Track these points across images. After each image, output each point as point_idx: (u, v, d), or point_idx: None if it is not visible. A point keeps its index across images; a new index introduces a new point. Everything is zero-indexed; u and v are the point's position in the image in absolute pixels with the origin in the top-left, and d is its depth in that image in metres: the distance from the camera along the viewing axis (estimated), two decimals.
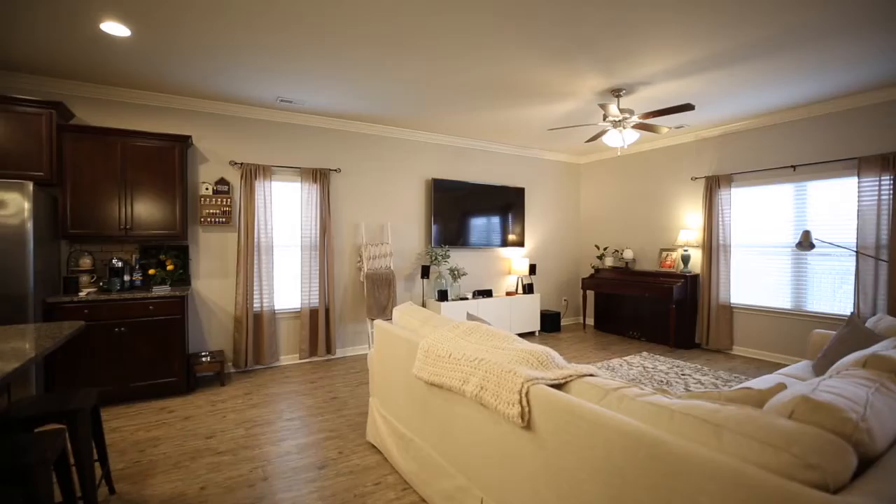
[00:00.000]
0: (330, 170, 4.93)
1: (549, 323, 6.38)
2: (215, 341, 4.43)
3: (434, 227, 5.62)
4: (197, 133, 4.32)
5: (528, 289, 6.24)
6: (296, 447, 2.82)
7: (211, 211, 4.34)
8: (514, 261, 6.33)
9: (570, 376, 1.53)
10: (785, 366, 4.59)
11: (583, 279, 6.43)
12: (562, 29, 2.89)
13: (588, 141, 4.51)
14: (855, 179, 4.26)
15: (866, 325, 2.82)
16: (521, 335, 6.09)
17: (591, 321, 6.97)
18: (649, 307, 5.76)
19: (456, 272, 5.61)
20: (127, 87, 3.95)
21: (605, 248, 6.62)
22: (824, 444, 0.95)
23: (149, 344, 3.60)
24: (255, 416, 3.31)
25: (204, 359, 4.03)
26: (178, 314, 3.70)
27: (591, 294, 6.90)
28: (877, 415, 1.10)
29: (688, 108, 3.60)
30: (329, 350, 4.89)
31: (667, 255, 5.91)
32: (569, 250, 7.20)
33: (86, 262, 3.75)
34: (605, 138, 4.21)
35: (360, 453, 2.73)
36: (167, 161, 3.89)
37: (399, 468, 2.45)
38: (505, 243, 6.28)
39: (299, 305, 4.82)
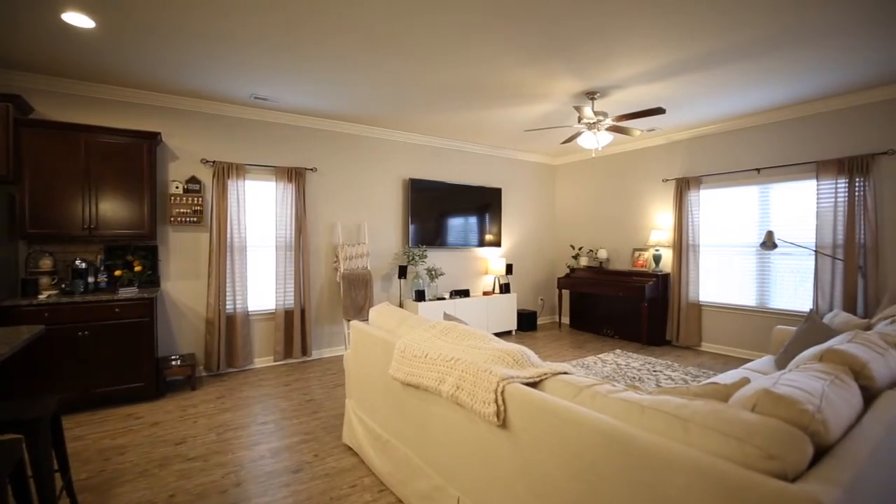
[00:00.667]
0: (306, 169, 4.86)
1: (526, 322, 6.45)
2: (186, 344, 4.30)
3: (411, 227, 5.60)
4: (167, 130, 4.19)
5: (505, 288, 6.29)
6: (270, 451, 2.77)
7: (181, 210, 4.21)
8: (492, 261, 6.38)
9: (545, 374, 1.55)
10: (750, 361, 4.78)
11: (558, 279, 6.53)
12: (538, 31, 2.93)
13: (563, 142, 4.58)
14: (814, 182, 4.46)
15: (824, 320, 2.95)
16: (498, 334, 6.14)
17: (566, 320, 7.08)
18: (622, 306, 5.89)
19: (433, 272, 5.61)
20: (92, 81, 3.80)
21: (580, 248, 6.74)
22: (783, 436, 0.99)
23: (115, 348, 3.47)
24: (227, 421, 3.24)
25: (174, 362, 3.91)
26: (146, 317, 3.58)
27: (566, 293, 7.01)
28: (831, 406, 1.16)
29: (659, 111, 3.70)
30: (305, 352, 4.82)
31: (639, 255, 6.06)
32: (545, 250, 7.30)
33: (46, 263, 3.59)
34: (579, 140, 4.28)
35: (336, 456, 2.70)
36: (135, 158, 3.76)
37: (375, 470, 2.43)
38: (482, 243, 6.32)
39: (274, 306, 4.73)
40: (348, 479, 2.43)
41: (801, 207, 4.62)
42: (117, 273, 3.78)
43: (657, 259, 5.70)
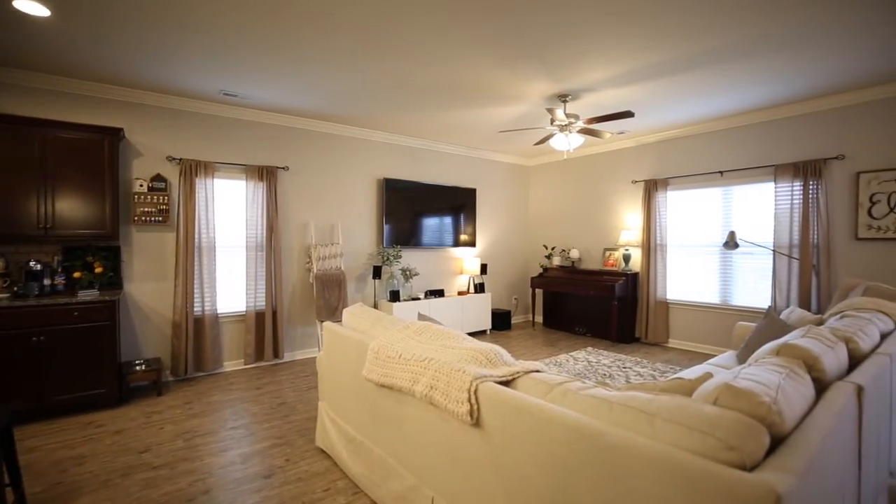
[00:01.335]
0: (277, 167, 4.76)
1: (500, 321, 6.51)
2: (151, 348, 4.15)
3: (386, 227, 5.57)
4: (130, 125, 4.03)
5: (480, 288, 6.34)
6: (240, 457, 2.70)
7: (146, 209, 4.06)
8: (466, 260, 6.41)
9: (518, 373, 1.57)
10: (714, 356, 4.95)
11: (532, 278, 6.62)
12: (511, 33, 2.97)
13: (536, 144, 4.65)
14: (772, 185, 4.67)
15: (781, 316, 3.10)
16: (473, 334, 6.18)
17: (540, 319, 7.18)
18: (594, 304, 6.02)
19: (408, 272, 5.59)
20: (48, 73, 3.62)
21: (552, 248, 6.85)
22: (742, 428, 1.04)
23: (74, 353, 3.31)
24: (195, 427, 3.14)
25: (138, 367, 3.76)
26: (107, 320, 3.43)
27: (539, 292, 7.11)
28: (787, 398, 1.22)
29: (628, 115, 3.80)
30: (277, 354, 4.72)
31: (610, 255, 6.21)
32: (519, 250, 7.39)
33: None
34: (552, 142, 4.35)
35: (309, 459, 2.66)
36: (95, 155, 3.60)
37: (349, 472, 2.41)
38: (457, 243, 6.34)
39: (244, 308, 4.61)
40: (321, 483, 2.40)
41: (760, 209, 4.83)
42: (76, 275, 3.61)
43: (627, 258, 5.85)
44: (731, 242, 4.44)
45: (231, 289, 4.60)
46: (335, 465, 2.58)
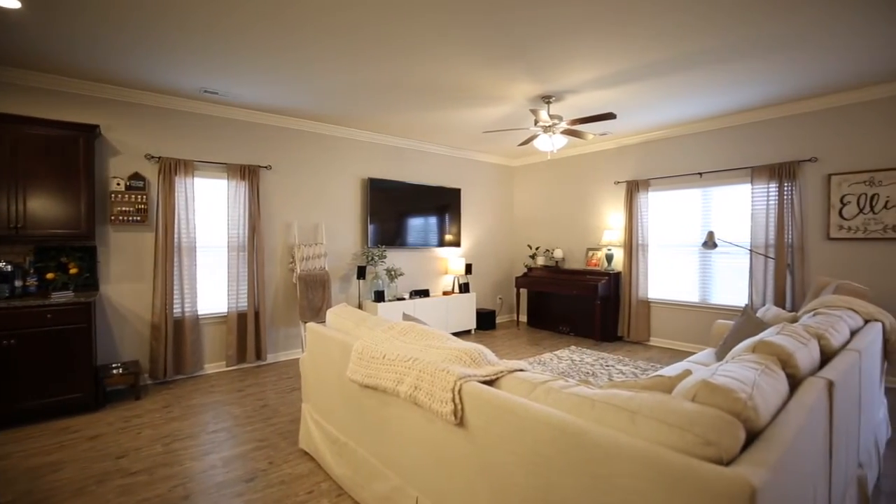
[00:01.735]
0: (260, 166, 4.69)
1: (485, 321, 6.54)
2: (129, 351, 4.05)
3: (370, 227, 5.54)
4: (106, 122, 3.93)
5: (465, 288, 6.35)
6: (221, 460, 2.66)
7: (123, 208, 3.96)
8: (451, 260, 6.42)
9: (501, 372, 1.58)
10: (693, 353, 5.07)
11: (516, 278, 6.66)
12: (496, 35, 2.98)
13: (520, 144, 4.68)
14: (749, 186, 4.79)
15: (757, 314, 3.18)
16: (458, 334, 6.19)
17: (524, 318, 7.23)
18: (577, 304, 6.09)
19: (393, 272, 5.58)
20: (19, 68, 3.50)
21: (536, 248, 6.91)
22: (719, 423, 1.07)
23: (47, 357, 3.21)
24: (175, 431, 3.08)
25: (115, 371, 3.67)
26: (82, 322, 3.34)
27: (524, 292, 7.16)
28: (762, 393, 1.25)
29: (610, 116, 3.86)
30: (259, 356, 4.66)
31: (593, 254, 6.29)
32: (503, 250, 7.43)
33: None
34: (536, 142, 4.39)
35: (293, 462, 2.64)
36: (69, 152, 3.50)
37: (333, 474, 2.39)
38: (442, 243, 6.35)
39: (226, 309, 4.54)
40: (305, 486, 2.38)
41: (738, 209, 4.95)
42: (49, 276, 3.51)
43: (609, 258, 5.94)
44: (710, 242, 4.54)
45: (212, 289, 4.52)
46: (319, 467, 2.56)
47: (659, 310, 5.62)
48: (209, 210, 4.52)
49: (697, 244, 5.27)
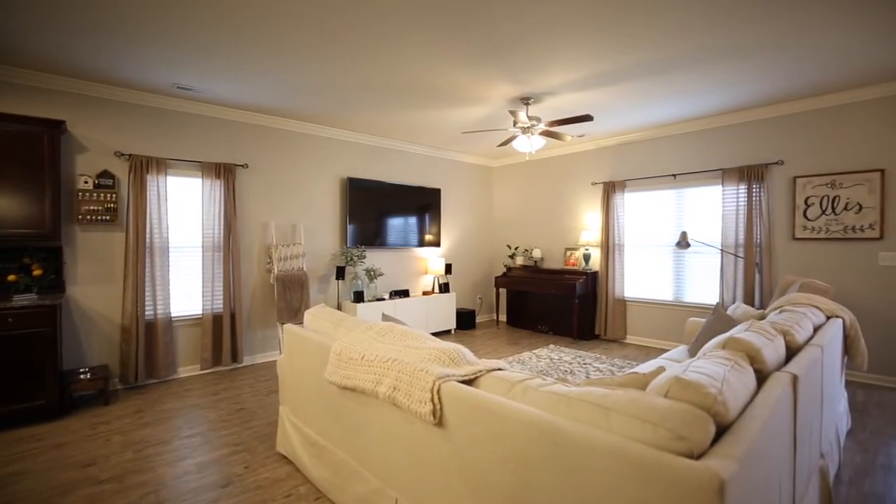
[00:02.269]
0: (236, 165, 4.60)
1: (465, 321, 6.56)
2: (98, 355, 3.91)
3: (350, 227, 5.50)
4: (73, 118, 3.78)
5: (445, 288, 6.36)
6: (196, 466, 2.60)
7: (92, 208, 3.83)
8: (431, 260, 6.42)
9: (480, 372, 1.59)
10: (668, 350, 5.18)
11: (496, 277, 6.70)
12: (475, 35, 2.99)
13: (500, 145, 4.71)
14: (720, 188, 4.94)
15: (728, 312, 3.29)
16: (438, 334, 6.20)
17: (504, 318, 7.29)
18: (556, 303, 6.17)
19: (372, 273, 5.54)
20: None
21: (516, 248, 6.96)
22: (690, 418, 1.10)
23: (8, 363, 3.07)
24: (146, 437, 2.99)
25: (83, 376, 3.54)
26: (47, 326, 3.21)
27: (503, 292, 7.22)
28: (731, 389, 1.30)
29: (587, 118, 3.92)
30: (235, 358, 4.56)
31: (570, 254, 6.38)
32: (483, 250, 7.47)
33: None
34: (515, 143, 4.43)
35: (270, 466, 2.59)
36: (32, 149, 3.36)
37: (311, 477, 2.36)
38: (422, 243, 6.34)
39: (201, 311, 4.43)
40: (283, 489, 2.34)
41: (709, 210, 5.10)
42: (11, 278, 3.36)
43: (587, 258, 6.03)
44: (683, 242, 4.66)
45: (186, 291, 4.41)
46: (297, 471, 2.53)
47: (634, 308, 5.74)
48: (183, 209, 4.41)
49: (671, 244, 5.41)
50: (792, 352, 2.00)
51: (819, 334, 2.37)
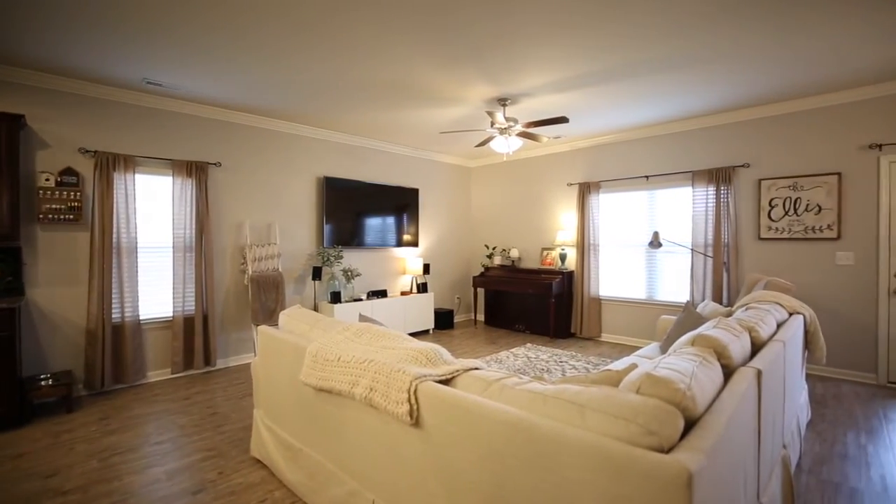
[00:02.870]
0: (208, 163, 4.48)
1: (443, 321, 6.57)
2: (61, 360, 3.75)
3: (326, 227, 5.43)
4: (34, 112, 3.62)
5: (423, 288, 6.35)
6: (165, 473, 2.52)
7: (54, 206, 3.67)
8: (409, 260, 6.40)
9: (457, 371, 1.60)
10: (641, 348, 5.32)
11: (474, 277, 6.74)
12: (453, 36, 3.00)
13: (477, 146, 4.74)
14: (690, 189, 5.10)
15: (697, 309, 3.39)
16: (416, 334, 6.19)
17: (482, 317, 7.33)
18: (533, 302, 6.24)
19: (349, 273, 5.49)
20: None
21: (493, 248, 7.01)
22: (660, 413, 1.13)
23: None
24: (113, 444, 2.88)
25: (44, 382, 3.39)
26: (5, 330, 3.06)
27: (481, 291, 7.26)
28: (699, 384, 1.34)
29: (563, 120, 3.98)
30: (208, 361, 4.45)
31: (547, 254, 6.47)
32: (461, 250, 7.49)
33: None
34: (492, 144, 4.46)
35: (244, 471, 2.54)
36: None
37: (287, 481, 2.33)
38: (400, 243, 6.31)
39: (171, 313, 4.30)
40: (257, 495, 2.30)
41: (680, 211, 5.25)
42: None
43: (563, 258, 6.13)
44: (655, 242, 4.79)
45: (156, 293, 4.27)
46: (272, 475, 2.48)
47: (609, 307, 5.86)
48: (152, 208, 4.27)
49: (644, 244, 5.54)
50: (757, 347, 2.09)
51: (782, 330, 2.47)
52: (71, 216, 3.74)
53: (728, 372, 1.67)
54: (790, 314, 2.94)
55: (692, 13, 2.71)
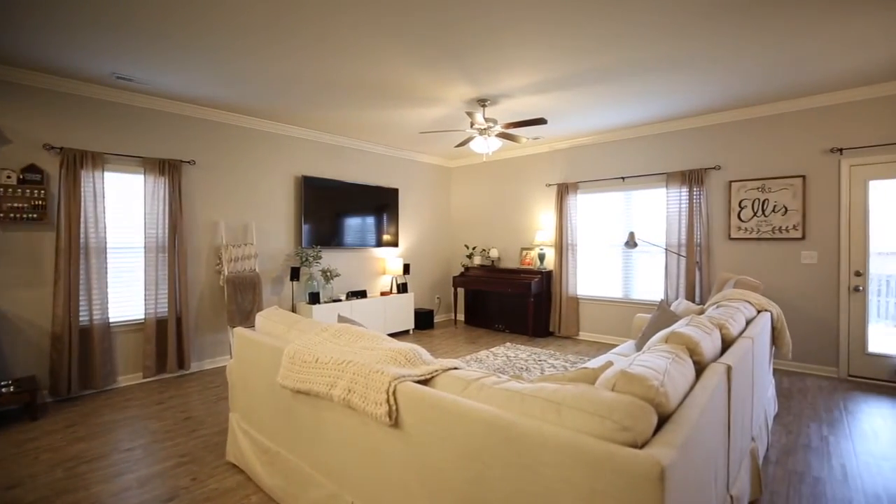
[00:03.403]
0: (182, 161, 4.37)
1: (423, 321, 6.56)
2: (24, 365, 3.60)
3: (305, 227, 5.36)
4: None
5: (403, 288, 6.33)
6: (137, 481, 2.45)
7: (15, 205, 3.51)
8: (389, 261, 6.37)
9: (436, 371, 1.60)
10: (617, 346, 5.42)
11: (454, 277, 6.75)
12: (432, 35, 3.00)
13: (457, 146, 4.75)
14: (664, 190, 5.23)
15: (671, 308, 3.48)
16: (396, 334, 6.16)
17: (462, 317, 7.35)
18: (512, 301, 6.29)
19: (328, 273, 5.43)
20: None
21: (473, 248, 7.04)
22: (635, 409, 1.15)
23: None
24: (80, 452, 2.78)
25: (5, 389, 3.24)
26: None
27: (461, 291, 7.28)
28: (672, 380, 1.38)
29: (541, 121, 4.03)
30: (182, 365, 4.34)
31: (526, 254, 6.53)
32: (441, 250, 7.50)
33: None
34: (472, 144, 4.48)
35: (219, 476, 2.49)
36: None
37: (264, 485, 2.29)
38: (380, 243, 6.28)
39: (143, 315, 4.17)
40: (233, 500, 2.25)
41: (655, 212, 5.38)
42: None
43: (542, 257, 6.20)
44: (631, 242, 4.89)
45: (127, 294, 4.14)
46: (248, 480, 2.44)
47: (587, 306, 5.96)
48: (123, 208, 4.13)
49: (620, 244, 5.65)
50: (727, 343, 2.15)
51: (750, 327, 2.56)
52: (35, 215, 3.59)
53: (700, 368, 1.72)
54: (758, 311, 3.05)
55: (665, 22, 2.78)
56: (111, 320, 3.99)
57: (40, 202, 3.62)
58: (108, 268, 3.93)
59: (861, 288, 4.13)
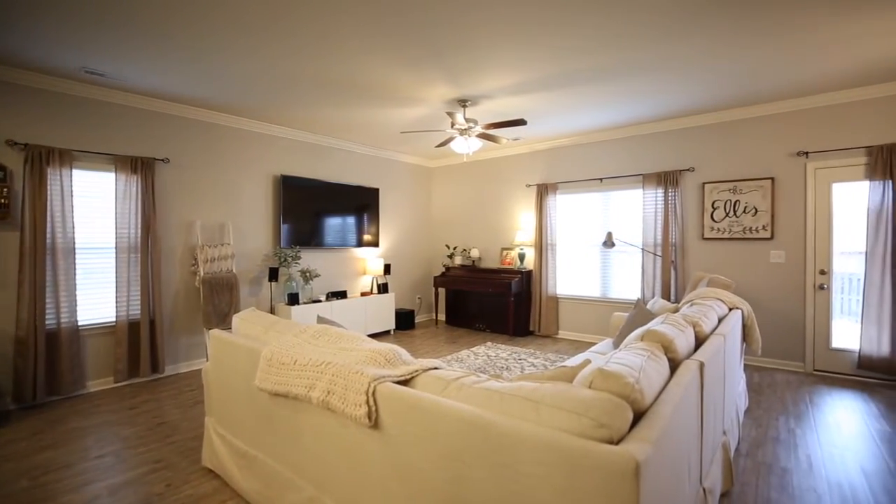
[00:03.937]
0: (155, 159, 4.25)
1: (404, 321, 6.54)
2: None
3: (284, 227, 5.28)
4: None
5: (384, 288, 6.30)
6: (107, 489, 2.37)
7: None
8: (370, 261, 6.33)
9: (416, 371, 1.60)
10: (595, 344, 5.51)
11: (435, 277, 6.75)
12: (414, 35, 3.00)
13: (438, 146, 4.76)
14: (640, 191, 5.34)
15: (647, 306, 3.55)
16: (377, 335, 6.13)
17: (443, 317, 7.36)
18: (493, 301, 6.33)
19: (308, 274, 5.36)
20: None
21: (454, 248, 7.06)
22: (611, 407, 1.18)
23: None
24: (46, 461, 2.68)
25: None
26: None
27: (442, 291, 7.28)
28: (647, 377, 1.41)
29: (521, 122, 4.06)
30: (156, 368, 4.22)
31: (506, 254, 6.58)
32: (422, 250, 7.49)
33: None
34: (452, 145, 4.49)
35: (194, 482, 2.43)
36: None
37: (241, 490, 2.25)
38: (360, 243, 6.24)
39: (114, 318, 4.05)
40: None
41: (632, 212, 5.49)
42: None
43: (522, 257, 6.25)
44: (608, 242, 4.98)
45: (98, 296, 4.01)
46: (225, 485, 2.39)
47: (566, 305, 6.04)
48: (93, 207, 4.00)
49: (599, 244, 5.75)
50: (700, 341, 2.22)
51: (722, 324, 2.64)
52: None
53: (674, 365, 1.76)
54: (730, 309, 3.14)
55: (642, 27, 2.84)
56: (80, 323, 3.86)
57: (3, 200, 3.47)
58: (76, 269, 3.80)
59: (826, 286, 4.30)
